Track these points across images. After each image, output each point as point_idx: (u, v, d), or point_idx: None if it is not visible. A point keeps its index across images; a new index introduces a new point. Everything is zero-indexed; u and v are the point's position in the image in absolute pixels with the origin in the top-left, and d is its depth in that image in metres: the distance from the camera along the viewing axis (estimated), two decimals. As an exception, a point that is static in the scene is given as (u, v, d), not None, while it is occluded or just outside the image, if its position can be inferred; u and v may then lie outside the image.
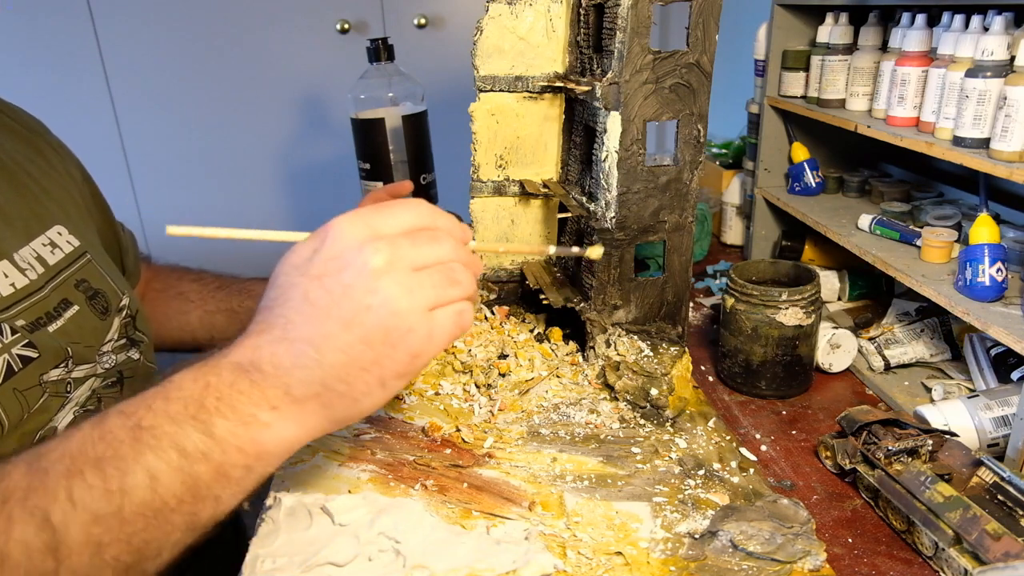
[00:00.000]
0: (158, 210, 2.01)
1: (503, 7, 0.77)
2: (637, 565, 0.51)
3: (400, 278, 0.46)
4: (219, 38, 1.87)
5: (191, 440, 0.42)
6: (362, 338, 0.45)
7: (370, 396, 0.47)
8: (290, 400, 0.45)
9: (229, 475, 0.44)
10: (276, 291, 0.48)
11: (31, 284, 0.64)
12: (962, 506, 0.51)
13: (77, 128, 1.42)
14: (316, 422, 0.46)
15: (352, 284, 0.45)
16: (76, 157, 0.83)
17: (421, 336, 0.46)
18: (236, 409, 0.44)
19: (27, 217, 0.68)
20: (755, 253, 1.05)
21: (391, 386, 0.47)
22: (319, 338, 0.45)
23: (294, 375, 0.45)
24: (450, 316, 0.48)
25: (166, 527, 0.42)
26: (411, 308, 0.46)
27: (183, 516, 0.42)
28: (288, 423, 0.45)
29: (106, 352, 0.70)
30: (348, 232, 0.46)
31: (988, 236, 0.65)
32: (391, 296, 0.45)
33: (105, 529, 0.39)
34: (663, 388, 0.69)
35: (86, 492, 0.39)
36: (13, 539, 0.37)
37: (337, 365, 0.45)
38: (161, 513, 0.41)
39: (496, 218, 0.87)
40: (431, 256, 0.48)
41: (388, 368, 0.46)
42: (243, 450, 0.44)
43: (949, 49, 0.70)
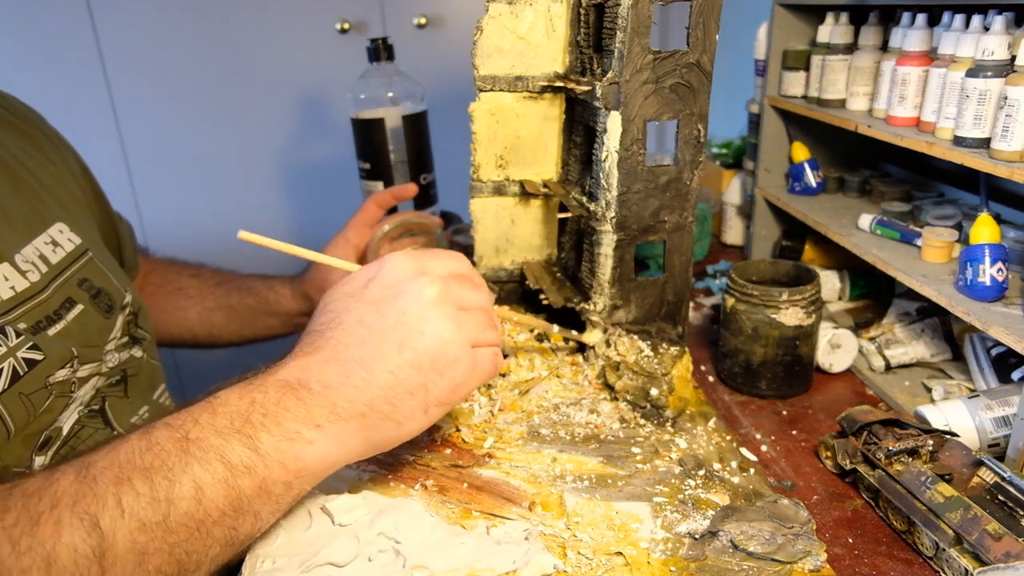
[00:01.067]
0: (158, 209, 2.01)
1: (503, 7, 0.77)
2: (637, 565, 0.51)
3: (450, 311, 0.50)
4: (219, 38, 1.87)
5: (236, 453, 0.43)
6: (412, 362, 0.48)
7: (412, 421, 0.49)
8: (335, 418, 0.46)
9: (270, 491, 0.44)
10: (327, 316, 0.51)
11: (33, 286, 0.64)
12: (963, 506, 0.51)
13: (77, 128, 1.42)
14: (357, 443, 0.48)
15: (406, 311, 0.49)
16: (73, 147, 0.82)
17: (465, 367, 0.50)
18: (281, 425, 0.45)
19: (28, 215, 0.68)
20: (755, 253, 1.05)
21: (432, 413, 0.50)
22: (371, 359, 0.47)
23: (342, 394, 0.46)
24: (489, 355, 0.53)
25: (207, 540, 0.42)
26: (459, 340, 0.50)
27: (224, 530, 0.43)
28: (331, 442, 0.46)
29: (110, 351, 0.70)
30: (402, 265, 0.51)
31: (989, 236, 0.65)
32: (443, 326, 0.49)
33: (150, 538, 0.39)
34: (663, 388, 0.69)
35: (134, 500, 0.40)
36: (62, 543, 0.37)
37: (386, 386, 0.47)
38: (204, 525, 0.41)
39: (496, 218, 0.87)
40: (474, 301, 0.53)
41: (432, 394, 0.49)
42: (285, 466, 0.45)
43: (950, 49, 0.70)
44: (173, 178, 1.99)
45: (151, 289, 0.93)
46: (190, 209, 2.02)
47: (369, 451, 0.49)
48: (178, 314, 0.92)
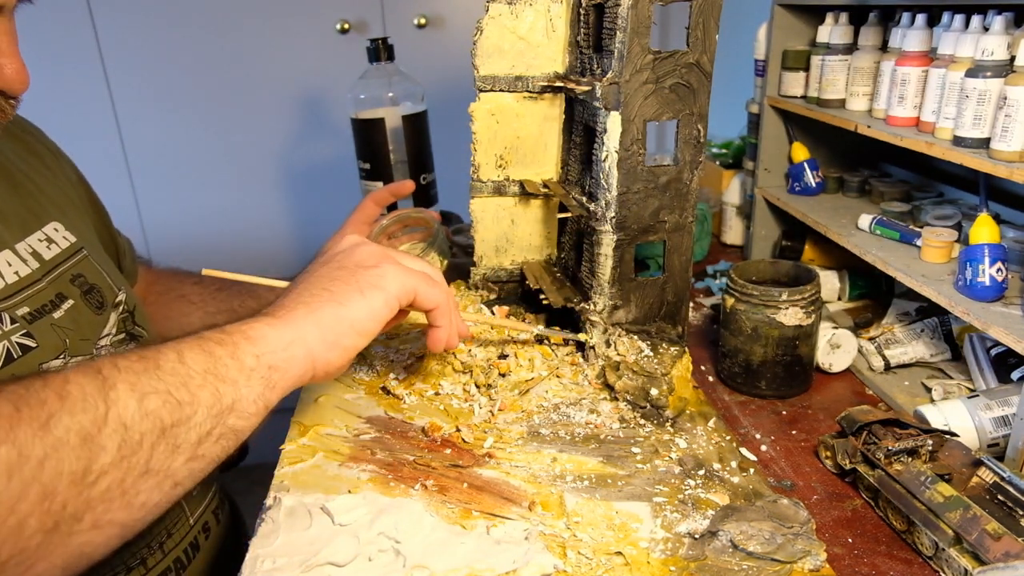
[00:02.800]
0: (158, 210, 2.01)
1: (503, 7, 0.77)
2: (637, 565, 0.51)
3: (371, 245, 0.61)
4: (219, 38, 1.87)
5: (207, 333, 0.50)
6: (338, 266, 0.59)
7: (351, 301, 0.56)
8: (283, 310, 0.54)
9: (242, 360, 0.50)
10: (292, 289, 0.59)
11: (30, 275, 0.64)
12: (962, 506, 0.51)
13: (77, 128, 1.42)
14: (307, 325, 0.54)
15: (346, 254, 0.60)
16: (71, 161, 0.83)
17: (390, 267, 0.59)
18: (242, 322, 0.52)
19: (23, 214, 0.68)
20: (755, 253, 1.05)
21: (368, 295, 0.56)
22: (307, 277, 0.58)
23: (286, 300, 0.56)
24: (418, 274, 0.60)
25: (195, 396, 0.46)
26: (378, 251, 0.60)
27: (208, 392, 0.47)
28: (284, 324, 0.53)
29: (104, 346, 0.70)
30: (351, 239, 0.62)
31: (988, 236, 0.65)
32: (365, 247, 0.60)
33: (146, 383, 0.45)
34: (663, 388, 0.69)
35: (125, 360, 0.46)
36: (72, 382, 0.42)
37: (320, 277, 0.57)
38: (190, 381, 0.47)
39: (496, 218, 0.87)
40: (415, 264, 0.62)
41: (362, 280, 0.57)
42: (250, 338, 0.51)
43: (949, 49, 0.70)
44: (173, 178, 1.99)
45: (154, 298, 0.93)
46: (190, 209, 2.02)
47: (322, 334, 0.54)
48: (182, 320, 0.93)
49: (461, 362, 0.76)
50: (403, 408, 0.72)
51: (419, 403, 0.73)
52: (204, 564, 0.75)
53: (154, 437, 0.44)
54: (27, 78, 0.57)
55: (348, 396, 0.74)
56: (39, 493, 0.39)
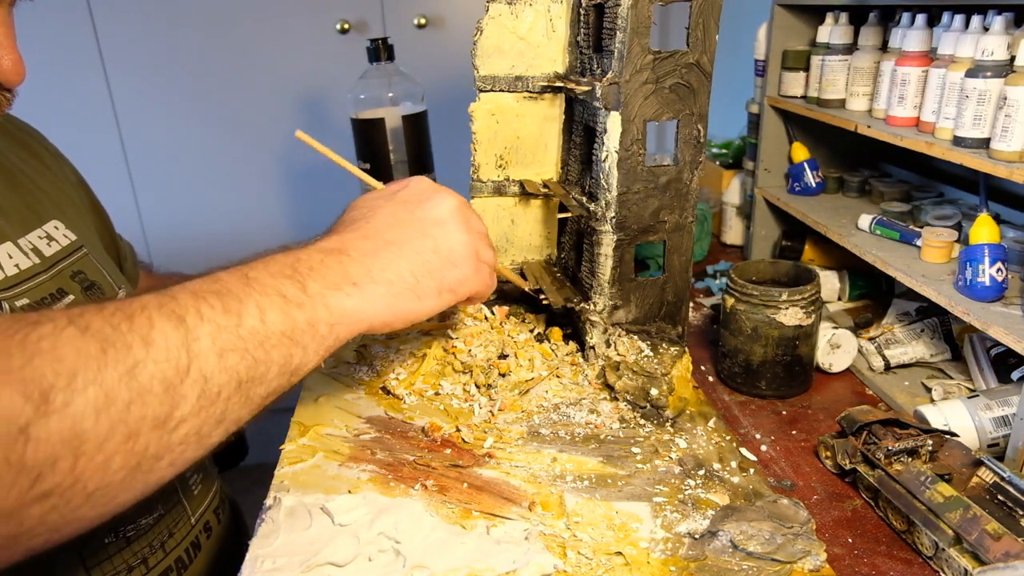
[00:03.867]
0: (158, 210, 2.01)
1: (503, 7, 0.77)
2: (637, 565, 0.51)
3: (464, 222, 0.61)
4: (219, 38, 1.87)
5: (289, 291, 0.50)
6: (433, 248, 0.58)
7: (428, 299, 0.57)
8: (369, 280, 0.54)
9: (316, 328, 0.51)
10: (361, 211, 0.60)
11: (30, 268, 0.64)
12: (962, 506, 0.51)
13: (77, 129, 1.42)
14: (383, 307, 0.54)
15: (431, 210, 0.60)
16: (72, 164, 0.83)
17: (472, 267, 0.60)
18: (325, 277, 0.52)
19: (23, 211, 0.68)
20: (755, 253, 1.05)
21: (444, 298, 0.58)
22: (400, 240, 0.57)
23: (376, 263, 0.55)
24: (487, 270, 0.62)
25: (269, 357, 0.48)
26: (470, 243, 0.60)
27: (281, 353, 0.49)
28: (364, 298, 0.53)
29: None
30: (425, 182, 0.62)
31: (988, 236, 0.65)
32: (459, 228, 0.60)
33: (225, 339, 0.46)
34: (663, 388, 0.69)
35: (210, 309, 0.46)
36: (156, 329, 0.43)
37: (411, 262, 0.57)
38: (267, 342, 0.48)
39: (496, 218, 0.87)
40: (479, 225, 0.63)
41: (446, 280, 0.58)
42: (329, 308, 0.51)
43: (949, 49, 0.70)
44: (173, 178, 1.99)
45: None
46: (190, 209, 2.02)
47: (391, 318, 0.55)
48: None
49: (461, 362, 0.76)
50: (403, 408, 0.72)
51: (419, 403, 0.73)
52: (205, 564, 0.75)
53: (230, 390, 0.46)
54: (23, 70, 0.57)
55: (348, 396, 0.74)
56: (124, 434, 0.41)
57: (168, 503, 0.70)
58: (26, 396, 0.37)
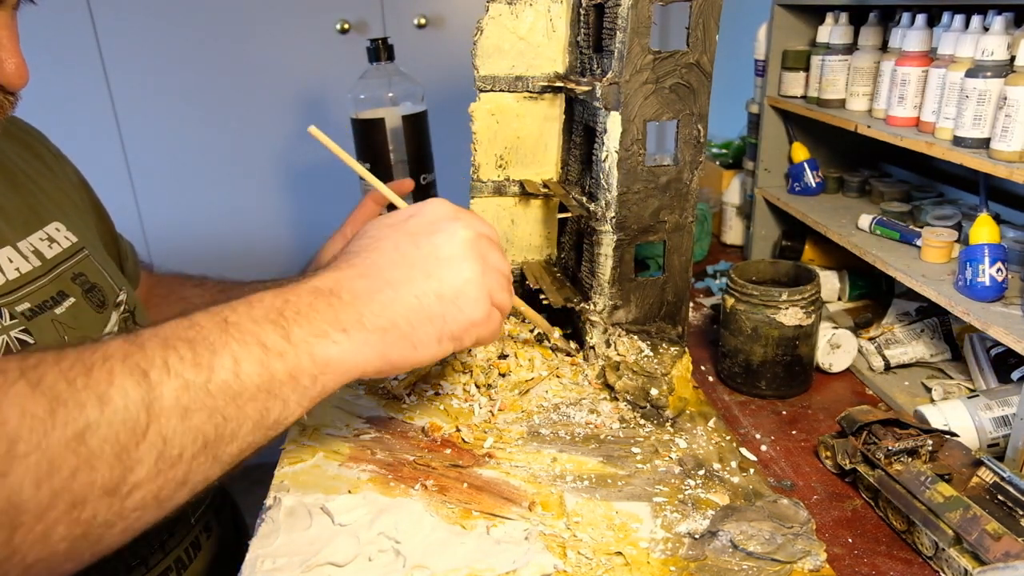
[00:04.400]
0: (158, 210, 2.01)
1: (503, 7, 0.77)
2: (637, 565, 0.51)
3: (479, 259, 0.54)
4: (219, 38, 1.87)
5: (271, 339, 0.46)
6: (437, 291, 0.53)
7: (426, 347, 0.53)
8: (360, 327, 0.50)
9: (298, 379, 0.47)
10: (366, 240, 0.55)
11: (31, 272, 0.64)
12: (962, 506, 0.51)
13: (77, 129, 1.42)
14: (374, 356, 0.50)
15: (440, 246, 0.54)
16: (73, 164, 0.83)
17: (483, 311, 0.54)
18: (312, 323, 0.48)
19: (24, 212, 0.68)
20: (755, 253, 1.05)
21: (444, 345, 0.54)
22: (400, 281, 0.52)
23: (369, 307, 0.50)
24: (498, 317, 0.57)
25: (242, 414, 0.45)
26: (482, 284, 0.54)
27: (256, 408, 0.45)
28: (353, 347, 0.49)
29: None
30: (443, 208, 0.56)
31: (988, 236, 0.65)
32: (470, 267, 0.54)
33: (192, 397, 0.42)
34: (663, 388, 0.69)
35: (179, 362, 0.43)
36: (114, 386, 0.40)
37: (409, 308, 0.52)
38: (240, 398, 0.44)
39: (496, 218, 0.87)
40: (498, 262, 0.57)
41: (448, 326, 0.53)
42: (313, 358, 0.48)
43: (949, 49, 0.70)
44: (173, 178, 1.99)
45: (156, 301, 0.93)
46: (190, 209, 2.02)
47: (383, 367, 0.51)
48: None
49: (461, 362, 0.76)
50: (403, 408, 0.72)
51: (419, 403, 0.73)
52: (205, 563, 0.75)
53: (194, 451, 0.43)
54: (27, 73, 0.56)
55: (348, 396, 0.74)
56: (68, 503, 0.38)
57: None
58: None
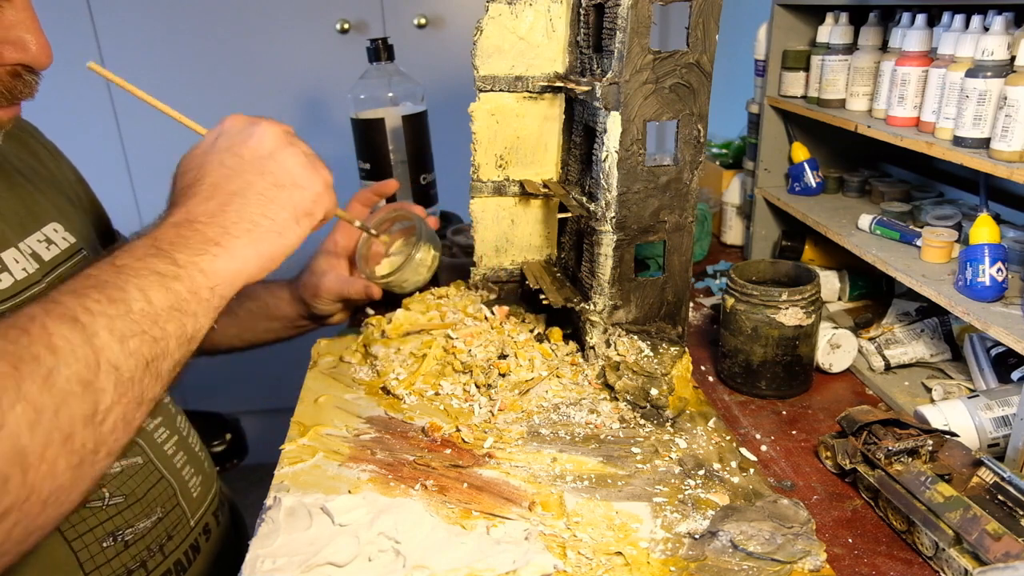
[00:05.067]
0: (158, 210, 2.00)
1: (503, 7, 0.77)
2: (637, 565, 0.51)
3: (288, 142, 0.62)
4: (219, 38, 1.87)
5: (161, 266, 0.52)
6: (274, 183, 0.60)
7: (289, 230, 0.60)
8: (228, 237, 0.56)
9: (199, 294, 0.53)
10: (191, 173, 0.61)
11: (28, 278, 0.64)
12: (962, 506, 0.51)
13: (77, 129, 1.42)
14: (251, 254, 0.57)
15: (256, 147, 0.61)
16: (70, 161, 0.83)
17: (320, 185, 0.62)
18: (188, 246, 0.54)
19: (22, 213, 0.68)
20: (755, 253, 1.05)
21: (303, 224, 0.61)
22: (241, 188, 0.58)
23: (227, 218, 0.57)
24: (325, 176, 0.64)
25: (164, 330, 0.50)
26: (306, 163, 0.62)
27: (175, 326, 0.51)
28: (231, 255, 0.55)
29: None
30: (240, 119, 0.64)
31: (988, 236, 0.65)
32: (287, 152, 0.61)
33: (120, 326, 0.47)
34: (663, 388, 0.69)
35: (96, 304, 0.47)
36: (55, 335, 0.44)
37: (260, 204, 0.58)
38: (158, 318, 0.50)
39: (496, 218, 0.87)
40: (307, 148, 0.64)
41: (299, 204, 0.60)
42: (204, 273, 0.53)
43: (949, 49, 0.70)
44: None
45: None
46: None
47: (264, 263, 0.58)
48: None
49: (461, 362, 0.76)
50: (403, 408, 0.72)
51: (419, 403, 0.73)
52: (204, 566, 0.75)
53: (141, 371, 0.48)
54: (51, 53, 0.58)
55: (348, 396, 0.74)
56: (60, 438, 0.42)
57: (166, 506, 0.70)
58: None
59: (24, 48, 0.55)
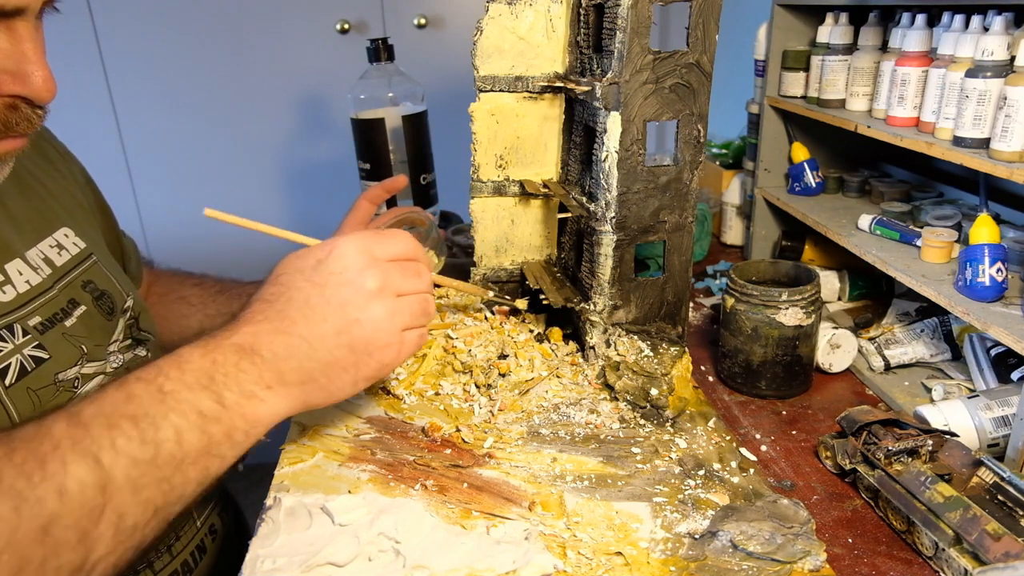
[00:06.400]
0: (158, 210, 2.01)
1: (503, 7, 0.77)
2: (637, 565, 0.51)
3: (387, 302, 0.57)
4: (219, 38, 1.87)
5: (206, 405, 0.49)
6: (348, 344, 0.56)
7: (342, 391, 0.57)
8: (281, 383, 0.54)
9: (233, 437, 0.51)
10: (278, 288, 0.57)
11: (41, 284, 0.64)
12: (962, 506, 0.51)
13: (77, 129, 1.42)
14: (296, 405, 0.55)
15: (348, 300, 0.56)
16: (79, 162, 0.83)
17: (394, 351, 0.58)
18: (240, 385, 0.52)
19: (34, 219, 0.68)
20: (755, 253, 1.05)
21: (359, 386, 0.58)
22: (314, 338, 0.55)
23: (288, 364, 0.54)
24: (415, 336, 0.60)
25: (186, 477, 0.48)
26: (391, 328, 0.57)
27: (198, 470, 0.49)
28: (278, 401, 0.54)
29: (112, 352, 0.70)
30: (350, 254, 0.57)
31: (988, 236, 0.65)
32: (377, 316, 0.56)
33: (142, 473, 0.45)
34: (663, 388, 0.69)
35: (126, 442, 0.45)
36: (70, 477, 0.42)
37: (324, 363, 0.55)
38: (184, 464, 0.48)
39: (496, 218, 0.87)
40: (412, 287, 0.60)
41: (362, 372, 0.57)
42: (245, 417, 0.51)
43: (949, 49, 0.70)
44: (173, 178, 1.99)
45: (154, 299, 0.93)
46: (190, 209, 2.01)
47: (301, 410, 0.56)
48: (181, 322, 0.93)
49: (461, 362, 0.76)
50: (403, 408, 0.72)
51: (419, 403, 0.73)
52: (210, 566, 0.75)
53: (146, 519, 0.46)
54: (54, 87, 0.54)
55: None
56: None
57: None
58: None
59: (24, 80, 0.51)
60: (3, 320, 0.60)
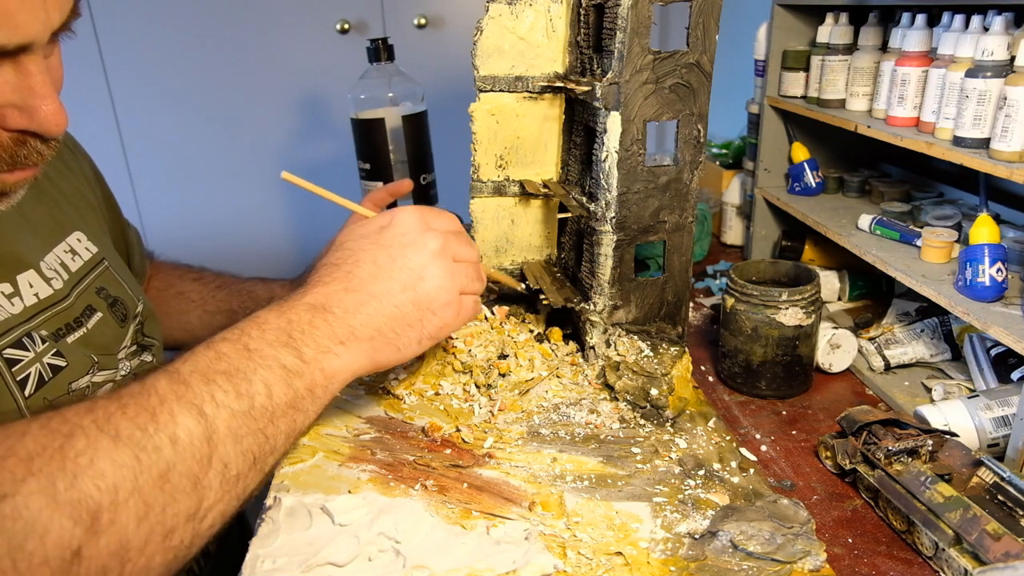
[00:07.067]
0: (158, 210, 2.01)
1: (503, 7, 0.77)
2: (637, 565, 0.51)
3: (447, 264, 0.61)
4: (219, 38, 1.87)
5: (288, 360, 0.52)
6: (413, 300, 0.59)
7: (408, 348, 0.60)
8: (353, 338, 0.56)
9: (314, 391, 0.53)
10: (343, 252, 0.61)
11: (56, 293, 0.64)
12: (962, 506, 0.51)
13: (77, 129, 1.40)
14: (365, 361, 0.57)
15: (413, 258, 0.60)
16: (87, 154, 0.83)
17: (453, 310, 0.62)
18: (316, 341, 0.54)
19: (49, 223, 0.68)
20: (755, 253, 1.05)
21: (423, 344, 0.61)
22: (382, 293, 0.58)
23: (358, 319, 0.56)
24: (471, 302, 0.64)
25: (277, 428, 0.51)
26: (451, 288, 0.61)
27: (286, 421, 0.51)
28: (350, 356, 0.56)
29: (122, 359, 0.71)
30: (411, 220, 0.62)
31: (988, 236, 0.65)
32: (440, 275, 0.60)
33: (240, 424, 0.48)
34: (663, 388, 0.69)
35: (223, 395, 0.48)
36: (180, 426, 0.45)
37: (392, 317, 0.58)
38: (275, 416, 0.50)
39: (496, 218, 0.87)
40: (466, 255, 0.64)
41: (427, 329, 0.60)
42: (323, 371, 0.54)
43: (949, 49, 0.70)
44: (173, 178, 1.99)
45: (154, 293, 0.93)
46: (190, 209, 2.02)
47: (372, 368, 0.58)
48: (180, 318, 0.93)
49: (461, 362, 0.76)
50: (403, 408, 0.72)
51: (419, 403, 0.73)
52: (210, 566, 0.75)
53: (247, 469, 0.48)
54: (64, 120, 0.53)
55: (348, 396, 0.74)
56: (162, 534, 0.43)
57: None
58: (75, 519, 0.39)
59: (31, 115, 0.50)
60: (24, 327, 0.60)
